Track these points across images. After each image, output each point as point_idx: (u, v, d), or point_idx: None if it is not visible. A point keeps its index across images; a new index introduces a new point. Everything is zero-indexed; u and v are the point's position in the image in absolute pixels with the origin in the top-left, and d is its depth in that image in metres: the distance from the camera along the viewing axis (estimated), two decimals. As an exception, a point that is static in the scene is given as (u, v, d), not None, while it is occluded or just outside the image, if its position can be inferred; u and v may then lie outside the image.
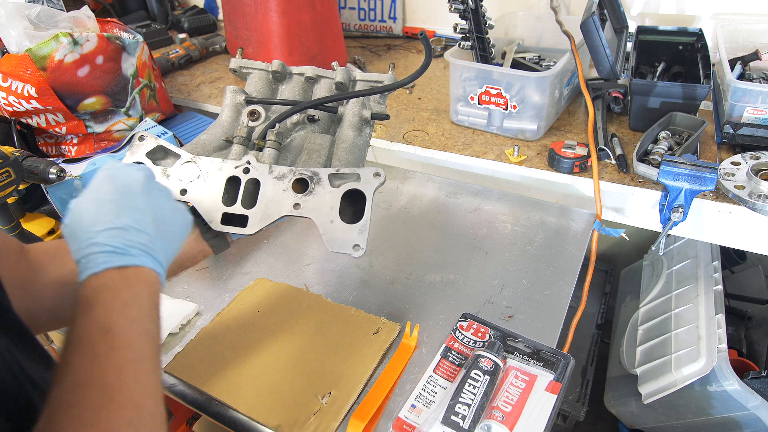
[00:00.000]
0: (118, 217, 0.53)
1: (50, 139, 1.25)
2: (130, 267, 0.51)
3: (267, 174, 0.70)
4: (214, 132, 0.80)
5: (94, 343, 0.45)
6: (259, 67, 0.86)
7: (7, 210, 0.99)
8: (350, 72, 0.85)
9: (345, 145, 0.78)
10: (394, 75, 0.83)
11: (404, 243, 1.06)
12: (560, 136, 1.18)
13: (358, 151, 0.78)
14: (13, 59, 1.06)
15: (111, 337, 0.46)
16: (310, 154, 0.77)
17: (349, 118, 0.80)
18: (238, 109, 0.82)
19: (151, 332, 0.49)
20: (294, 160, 0.77)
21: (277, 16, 1.37)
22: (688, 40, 1.24)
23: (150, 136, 0.72)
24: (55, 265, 0.64)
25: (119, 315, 0.47)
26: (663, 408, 1.32)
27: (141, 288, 0.51)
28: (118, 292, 0.49)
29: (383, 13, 1.81)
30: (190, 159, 0.71)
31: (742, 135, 1.01)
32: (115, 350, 0.45)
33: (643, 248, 1.75)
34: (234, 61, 0.87)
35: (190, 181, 0.71)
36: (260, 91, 0.85)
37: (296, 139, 0.81)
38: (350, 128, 0.80)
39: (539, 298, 0.91)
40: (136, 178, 0.57)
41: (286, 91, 0.86)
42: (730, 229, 0.99)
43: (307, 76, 0.86)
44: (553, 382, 0.73)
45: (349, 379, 0.77)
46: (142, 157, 0.71)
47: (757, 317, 1.44)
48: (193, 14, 2.01)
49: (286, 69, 0.86)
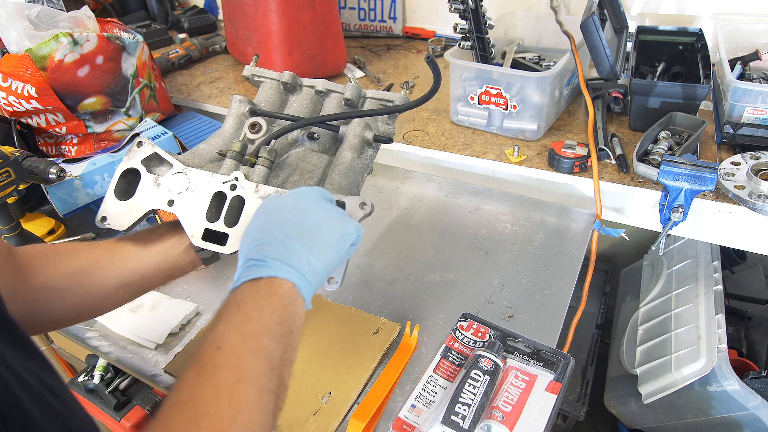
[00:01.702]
0: (263, 233, 0.52)
1: (50, 139, 1.25)
2: (262, 279, 0.50)
3: (253, 193, 0.68)
4: (214, 142, 0.78)
5: (205, 360, 0.44)
6: (271, 77, 0.84)
7: (7, 210, 0.99)
8: (360, 89, 0.82)
9: (341, 168, 0.75)
10: (406, 96, 0.80)
11: (404, 243, 1.06)
12: (560, 136, 1.18)
13: (354, 175, 0.75)
14: (13, 59, 1.06)
15: (219, 354, 0.44)
16: (302, 175, 0.75)
17: (350, 138, 0.77)
18: (241, 120, 0.80)
19: (266, 350, 0.46)
20: (285, 178, 0.75)
21: (277, 16, 1.37)
22: (688, 40, 1.24)
23: (148, 142, 0.71)
24: (42, 270, 0.62)
25: (235, 330, 0.46)
26: (663, 408, 1.32)
27: (268, 301, 0.49)
28: (243, 304, 0.48)
29: (383, 13, 1.81)
30: (181, 170, 0.69)
31: (742, 135, 1.01)
32: (220, 369, 0.43)
33: (643, 248, 1.75)
34: (247, 69, 0.85)
35: (178, 192, 0.69)
36: (269, 101, 0.83)
37: (292, 157, 0.79)
38: (350, 150, 0.77)
39: (539, 298, 0.91)
40: (291, 196, 0.57)
41: (295, 103, 0.85)
42: (730, 229, 0.99)
43: (317, 89, 0.83)
44: (553, 382, 0.73)
45: (349, 379, 0.77)
46: (137, 163, 0.70)
47: (757, 317, 1.44)
48: (193, 14, 2.01)
49: (297, 81, 0.84)
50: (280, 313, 0.49)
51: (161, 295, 0.95)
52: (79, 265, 0.64)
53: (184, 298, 0.95)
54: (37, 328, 0.68)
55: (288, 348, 0.49)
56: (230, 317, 0.47)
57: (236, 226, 0.67)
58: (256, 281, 0.50)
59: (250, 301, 0.48)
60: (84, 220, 1.18)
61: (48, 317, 0.63)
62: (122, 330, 0.89)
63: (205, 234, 0.68)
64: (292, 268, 0.51)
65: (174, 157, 0.71)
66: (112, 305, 0.69)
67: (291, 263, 0.51)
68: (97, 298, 0.65)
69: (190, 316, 0.91)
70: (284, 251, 0.51)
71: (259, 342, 0.46)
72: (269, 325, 0.48)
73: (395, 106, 0.78)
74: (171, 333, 0.88)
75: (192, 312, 0.91)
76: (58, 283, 0.62)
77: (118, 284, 0.66)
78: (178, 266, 0.70)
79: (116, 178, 0.70)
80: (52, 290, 0.62)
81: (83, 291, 0.64)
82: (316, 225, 0.55)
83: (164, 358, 0.84)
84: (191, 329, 0.89)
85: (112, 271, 0.65)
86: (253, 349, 0.46)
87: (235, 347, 0.45)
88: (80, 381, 1.12)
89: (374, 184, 1.25)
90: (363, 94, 0.82)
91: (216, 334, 0.46)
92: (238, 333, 0.46)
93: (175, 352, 0.84)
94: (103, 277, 0.65)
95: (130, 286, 0.67)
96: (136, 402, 1.10)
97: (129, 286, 0.67)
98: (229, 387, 0.43)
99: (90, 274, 0.64)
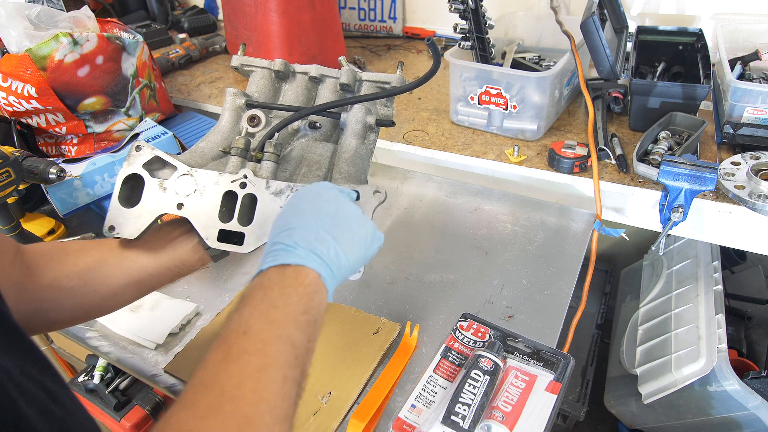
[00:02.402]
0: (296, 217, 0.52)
1: (50, 139, 1.25)
2: (290, 266, 0.49)
3: (264, 189, 0.67)
4: (213, 139, 0.77)
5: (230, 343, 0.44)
6: (261, 65, 0.83)
7: (7, 210, 0.99)
8: (356, 72, 0.81)
9: (347, 155, 0.75)
10: (402, 76, 0.79)
11: (404, 243, 1.06)
12: (560, 136, 1.18)
13: (361, 162, 0.75)
14: (13, 59, 1.06)
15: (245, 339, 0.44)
16: (310, 167, 0.74)
17: (353, 125, 0.77)
18: (238, 113, 0.79)
19: (291, 338, 0.46)
20: (293, 171, 0.75)
21: (277, 16, 1.37)
22: (688, 40, 1.24)
23: (147, 146, 0.69)
24: (50, 268, 0.62)
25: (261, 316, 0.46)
26: (663, 408, 1.32)
27: (294, 289, 0.49)
28: (269, 291, 0.48)
29: (383, 13, 1.81)
30: (186, 172, 0.68)
31: (742, 135, 1.01)
32: (246, 354, 0.43)
33: (643, 248, 1.75)
34: (236, 59, 0.84)
35: (186, 195, 0.68)
36: (262, 91, 0.82)
37: (296, 148, 0.78)
38: (353, 136, 0.76)
39: (539, 298, 0.91)
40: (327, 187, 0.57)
41: (289, 91, 0.83)
42: (730, 229, 0.99)
43: (311, 75, 0.82)
44: (553, 382, 0.73)
45: (349, 379, 0.77)
46: (139, 168, 0.68)
47: (757, 317, 1.44)
48: (193, 14, 2.01)
49: (290, 68, 0.83)
50: (306, 302, 0.49)
51: (161, 295, 0.95)
52: (86, 264, 0.64)
53: (184, 298, 0.95)
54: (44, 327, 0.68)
55: (312, 338, 0.49)
56: (256, 303, 0.47)
57: (251, 224, 0.67)
58: (284, 267, 0.50)
59: (276, 288, 0.48)
60: (84, 220, 1.18)
61: (55, 315, 0.63)
62: (122, 330, 0.89)
63: (220, 235, 0.67)
64: (321, 259, 0.51)
65: (176, 159, 0.70)
66: (120, 304, 0.69)
67: (320, 253, 0.51)
68: (104, 297, 0.65)
69: (190, 316, 0.91)
70: (314, 240, 0.51)
71: (285, 330, 0.46)
72: (294, 314, 0.47)
73: (395, 89, 0.76)
74: (171, 333, 0.88)
75: (192, 312, 0.91)
76: (66, 281, 0.62)
77: (125, 283, 0.66)
78: (186, 264, 0.70)
79: (119, 184, 0.69)
80: (60, 289, 0.62)
81: (90, 289, 0.64)
82: (349, 220, 0.56)
83: (164, 358, 0.84)
84: (191, 329, 0.89)
85: (119, 270, 0.66)
86: (279, 336, 0.46)
87: (260, 332, 0.45)
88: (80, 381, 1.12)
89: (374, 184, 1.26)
90: (359, 77, 0.80)
91: (242, 318, 0.46)
92: (264, 319, 0.46)
93: (175, 352, 0.84)
94: (111, 276, 0.65)
95: (138, 284, 0.67)
96: (136, 402, 1.10)
97: (137, 284, 0.67)
98: (254, 372, 0.43)
99: (97, 272, 0.64)
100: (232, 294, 0.94)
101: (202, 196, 0.68)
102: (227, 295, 0.94)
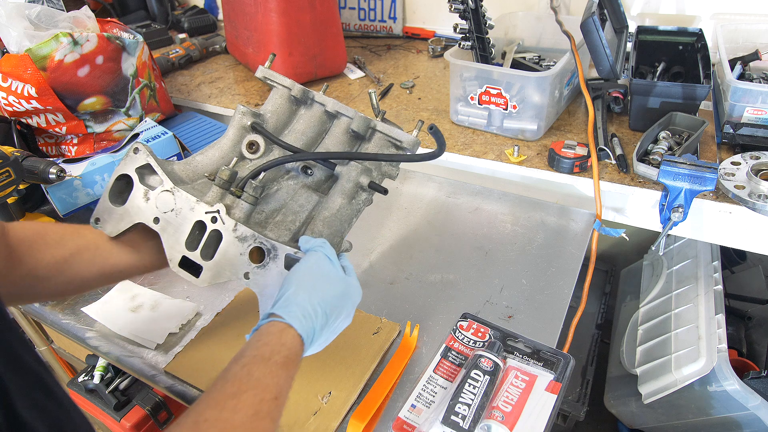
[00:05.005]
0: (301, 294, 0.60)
1: (50, 139, 1.25)
2: (276, 321, 0.57)
3: (231, 231, 0.67)
4: (210, 154, 0.77)
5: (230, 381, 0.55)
6: (283, 84, 0.81)
7: (7, 210, 0.99)
8: (368, 120, 0.77)
9: (326, 214, 0.72)
10: (417, 139, 0.75)
11: (404, 243, 1.06)
12: (560, 136, 1.18)
13: (339, 224, 0.72)
14: (13, 59, 1.06)
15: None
16: (286, 216, 0.73)
17: (343, 182, 0.73)
18: (242, 133, 0.78)
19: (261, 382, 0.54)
20: (269, 215, 0.73)
21: (277, 16, 1.37)
22: (688, 40, 1.24)
23: (144, 150, 0.70)
24: (30, 258, 0.66)
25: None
26: (663, 408, 1.32)
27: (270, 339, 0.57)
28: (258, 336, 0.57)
29: (383, 13, 1.81)
30: (169, 189, 0.69)
31: (742, 135, 1.01)
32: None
33: (643, 248, 1.75)
34: (261, 70, 0.82)
35: (164, 211, 0.69)
36: (277, 113, 0.80)
37: (282, 190, 0.76)
38: (341, 195, 0.72)
39: (539, 298, 0.91)
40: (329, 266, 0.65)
41: (303, 118, 0.81)
42: (730, 229, 0.99)
43: (327, 109, 0.80)
44: (553, 382, 0.73)
45: (349, 379, 0.77)
46: (131, 170, 0.71)
47: (757, 317, 1.44)
48: (193, 14, 2.01)
49: (308, 95, 0.81)
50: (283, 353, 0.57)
51: (161, 295, 0.95)
52: (63, 256, 0.68)
53: (184, 298, 0.95)
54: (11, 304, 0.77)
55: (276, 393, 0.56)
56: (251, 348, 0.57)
57: (211, 260, 0.68)
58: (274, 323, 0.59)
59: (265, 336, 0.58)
60: (84, 220, 1.16)
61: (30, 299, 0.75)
62: (122, 330, 0.89)
63: (182, 261, 0.69)
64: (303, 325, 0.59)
65: (166, 170, 0.71)
66: (87, 290, 0.83)
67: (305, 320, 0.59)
68: (77, 286, 0.72)
69: (190, 316, 0.91)
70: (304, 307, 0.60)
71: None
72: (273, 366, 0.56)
73: (399, 155, 0.74)
74: (171, 333, 0.88)
75: (192, 312, 0.91)
76: (43, 272, 0.67)
77: (97, 275, 0.72)
78: (155, 266, 0.76)
79: (112, 181, 0.72)
80: (37, 278, 0.67)
81: (64, 279, 0.69)
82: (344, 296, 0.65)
83: (164, 358, 0.84)
84: (191, 329, 0.89)
85: (93, 264, 0.71)
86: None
87: None
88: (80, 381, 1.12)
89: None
90: (372, 125, 0.77)
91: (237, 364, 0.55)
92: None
93: (175, 352, 0.84)
94: (84, 269, 0.70)
95: (108, 277, 0.74)
96: (136, 402, 1.10)
97: (107, 277, 0.74)
98: None
99: (73, 265, 0.69)
100: (232, 294, 0.94)
101: (177, 218, 0.69)
102: (227, 295, 0.94)
